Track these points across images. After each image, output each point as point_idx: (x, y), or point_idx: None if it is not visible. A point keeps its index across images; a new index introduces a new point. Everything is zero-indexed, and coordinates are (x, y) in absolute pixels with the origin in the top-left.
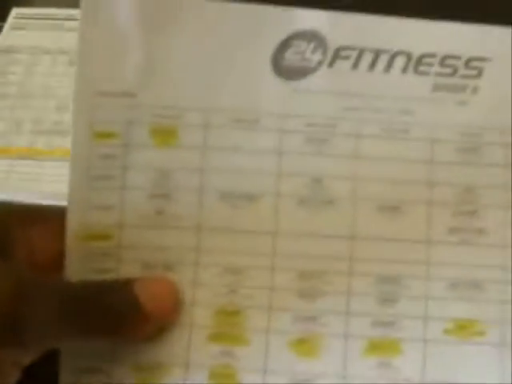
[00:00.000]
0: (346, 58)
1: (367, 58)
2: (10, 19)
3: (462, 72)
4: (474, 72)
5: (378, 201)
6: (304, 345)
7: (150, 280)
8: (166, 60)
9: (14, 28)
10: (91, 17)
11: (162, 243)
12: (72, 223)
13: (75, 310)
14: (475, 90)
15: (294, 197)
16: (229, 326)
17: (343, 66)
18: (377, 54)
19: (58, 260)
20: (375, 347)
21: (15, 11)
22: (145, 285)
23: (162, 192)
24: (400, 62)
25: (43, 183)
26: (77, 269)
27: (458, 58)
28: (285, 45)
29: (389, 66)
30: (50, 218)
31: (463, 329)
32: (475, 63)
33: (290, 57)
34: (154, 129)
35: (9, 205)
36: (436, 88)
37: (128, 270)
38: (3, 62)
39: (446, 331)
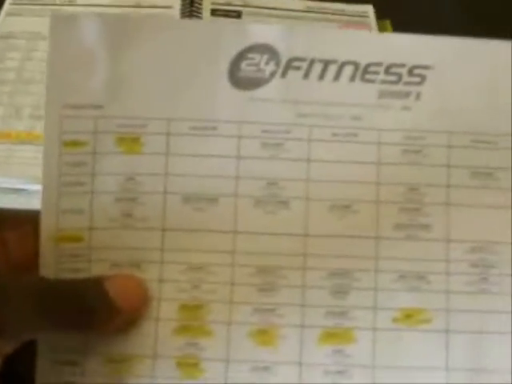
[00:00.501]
0: (298, 68)
1: (317, 68)
2: (6, 5)
3: (406, 79)
4: (417, 79)
5: (329, 201)
6: (263, 335)
7: (119, 277)
8: (131, 74)
9: (11, 14)
10: (60, 35)
11: (129, 244)
12: (45, 226)
13: (50, 304)
14: (418, 96)
15: (252, 198)
16: (193, 319)
17: (295, 76)
18: (326, 64)
19: (32, 260)
20: (329, 336)
21: None
22: (114, 281)
23: (129, 196)
24: (348, 71)
25: None
26: (50, 269)
27: (402, 66)
28: (240, 57)
29: (337, 75)
30: (24, 222)
31: (410, 317)
32: (418, 71)
33: (245, 68)
34: (119, 137)
35: None
36: (382, 95)
37: (98, 269)
38: (1, 48)
39: (395, 320)
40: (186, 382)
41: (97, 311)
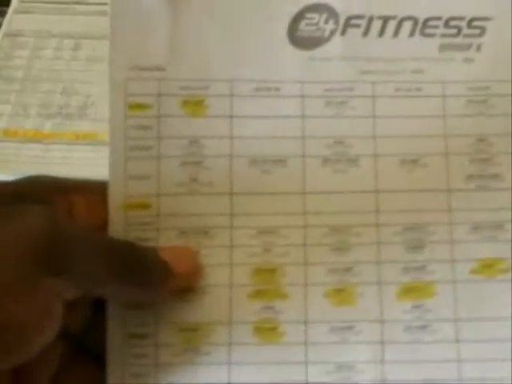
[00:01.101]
0: (357, 26)
1: (376, 25)
2: (14, 2)
3: (466, 31)
4: (477, 31)
5: (398, 156)
6: (340, 294)
7: (172, 247)
8: (191, 36)
9: (19, 12)
10: None
11: (196, 210)
12: (113, 193)
13: (115, 259)
14: (479, 47)
15: (319, 158)
16: (267, 283)
17: (355, 33)
18: (385, 20)
19: (97, 229)
20: (408, 291)
21: None
22: (168, 250)
23: (194, 160)
24: (407, 26)
25: (51, 165)
26: (119, 237)
27: (461, 19)
28: (299, 17)
29: (397, 30)
30: (90, 189)
31: (488, 267)
32: (477, 23)
33: (305, 28)
34: (183, 100)
35: (51, 177)
36: (442, 48)
37: (166, 238)
38: (9, 46)
39: (473, 271)
40: (265, 346)
41: (154, 271)
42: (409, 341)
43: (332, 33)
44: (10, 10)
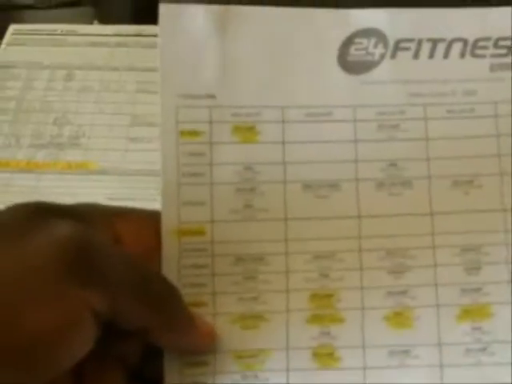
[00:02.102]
0: (406, 49)
1: (426, 48)
2: (8, 36)
3: None
4: None
5: (452, 177)
6: (398, 318)
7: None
8: (240, 63)
9: (12, 44)
10: (170, 26)
11: (251, 236)
12: (166, 219)
13: (145, 284)
14: None
15: (373, 181)
16: (324, 308)
17: (405, 56)
18: (434, 43)
19: (147, 256)
20: (467, 313)
21: (13, 27)
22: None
23: (248, 186)
24: (457, 48)
25: (43, 196)
26: (173, 264)
27: (509, 38)
28: (348, 43)
29: (447, 52)
30: (137, 215)
31: None
32: None
33: (355, 53)
34: (235, 126)
35: (101, 204)
36: (493, 68)
37: (221, 264)
38: (2, 78)
39: None
40: (323, 371)
41: (181, 317)
42: (468, 363)
43: (382, 57)
44: (3, 42)
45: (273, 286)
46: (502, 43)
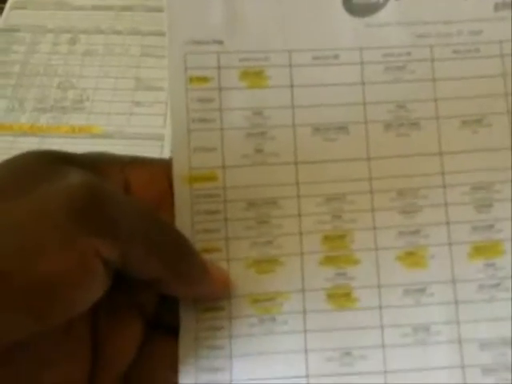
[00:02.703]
0: None
1: None
2: None
3: None
4: None
5: (460, 117)
6: (412, 257)
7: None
8: (247, 8)
9: (16, 7)
10: None
11: (263, 180)
12: (178, 166)
13: (156, 234)
14: None
15: (381, 123)
16: (337, 249)
17: None
18: None
19: (158, 204)
20: (479, 250)
21: None
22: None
23: (258, 131)
24: None
25: None
26: (186, 211)
27: None
28: None
29: None
30: (148, 163)
31: None
32: None
33: None
34: (243, 72)
35: (111, 153)
36: (497, 7)
37: (234, 209)
38: (5, 41)
39: None
40: (340, 312)
41: (195, 266)
42: (483, 299)
43: None
44: (7, 5)
45: (286, 230)
46: None
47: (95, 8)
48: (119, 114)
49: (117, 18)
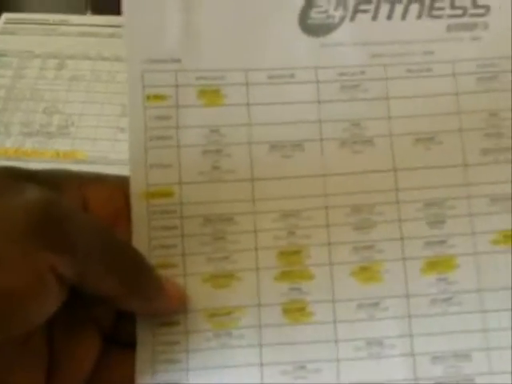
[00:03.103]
0: (365, 11)
1: (384, 9)
2: (0, 24)
3: (472, 11)
4: (482, 10)
5: (413, 134)
6: (366, 272)
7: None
8: (204, 28)
9: (4, 33)
10: None
11: (220, 197)
12: (135, 182)
13: (114, 251)
14: (486, 25)
15: (337, 140)
16: (293, 264)
17: (364, 18)
18: (392, 4)
19: (114, 221)
20: (432, 265)
21: (5, 16)
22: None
23: (215, 148)
24: (414, 9)
25: None
26: (143, 226)
27: None
28: (308, 6)
29: (405, 13)
30: (105, 180)
31: (510, 237)
32: (482, 2)
33: (315, 16)
34: (200, 90)
35: (69, 170)
36: (450, 28)
37: (191, 225)
38: None
39: (494, 242)
40: (295, 326)
41: (151, 282)
42: (435, 313)
43: (342, 19)
44: None
45: (242, 246)
46: (458, 4)
47: (83, 34)
48: (104, 140)
49: (104, 45)
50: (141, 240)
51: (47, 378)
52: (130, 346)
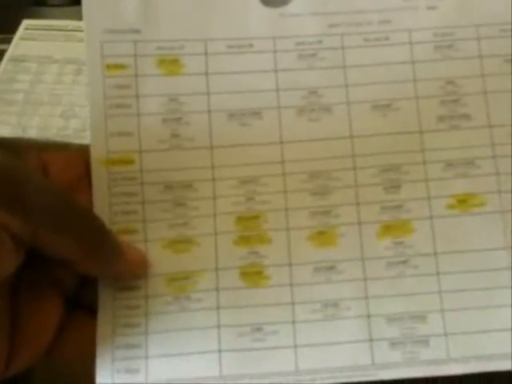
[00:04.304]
0: None
1: None
2: (21, 30)
3: None
4: None
5: (370, 102)
6: (322, 236)
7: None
8: None
9: (24, 38)
10: None
11: (179, 164)
12: (95, 150)
13: (70, 213)
14: None
15: (294, 108)
16: (251, 229)
17: None
18: None
19: (75, 186)
20: (388, 229)
21: (26, 23)
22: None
23: (174, 116)
24: None
25: None
26: (103, 193)
27: None
28: None
29: None
30: (66, 149)
31: (464, 202)
32: None
33: None
34: (159, 59)
35: (29, 138)
36: None
37: (151, 192)
38: (12, 71)
39: (450, 206)
40: (252, 289)
41: (108, 245)
42: (391, 276)
43: None
44: (16, 36)
45: (201, 211)
46: None
47: None
48: None
49: None
50: (102, 206)
51: (10, 341)
52: (94, 310)
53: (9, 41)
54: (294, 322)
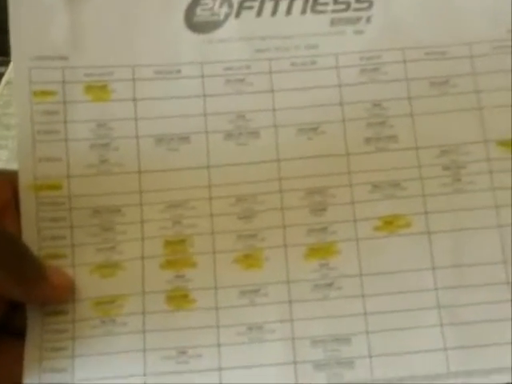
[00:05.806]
0: (250, 7)
1: (268, 6)
2: None
3: (355, 6)
4: (365, 4)
5: (296, 125)
6: (248, 259)
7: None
8: (92, 25)
9: None
10: None
11: (108, 189)
12: (23, 175)
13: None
14: (369, 19)
15: (221, 132)
16: (178, 253)
17: (248, 14)
18: (277, 0)
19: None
20: (313, 252)
21: None
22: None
23: (102, 142)
24: (298, 4)
25: None
26: (31, 218)
27: None
28: (194, 4)
29: (289, 9)
30: None
31: (391, 224)
32: None
33: (201, 13)
34: (87, 86)
35: None
36: (333, 23)
37: (79, 217)
38: (9, 94)
39: (376, 228)
40: (178, 313)
41: (30, 267)
42: (316, 298)
43: (227, 16)
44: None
45: (128, 236)
46: None
47: None
48: None
49: None
50: (30, 231)
51: None
52: (22, 334)
53: (7, 63)
54: (218, 345)
